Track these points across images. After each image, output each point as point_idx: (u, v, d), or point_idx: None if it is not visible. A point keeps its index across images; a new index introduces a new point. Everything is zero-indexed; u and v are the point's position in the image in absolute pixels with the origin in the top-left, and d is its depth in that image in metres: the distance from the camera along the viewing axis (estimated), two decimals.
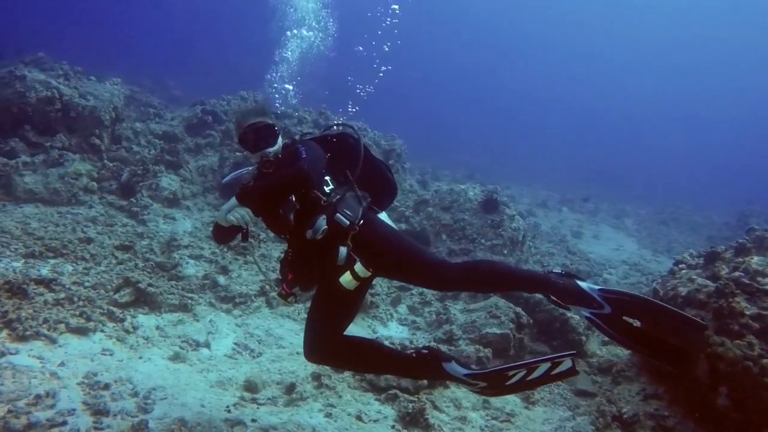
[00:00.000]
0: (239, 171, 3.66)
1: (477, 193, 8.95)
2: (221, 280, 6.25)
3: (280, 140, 3.33)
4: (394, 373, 4.09)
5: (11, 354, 4.20)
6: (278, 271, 3.39)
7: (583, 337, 6.56)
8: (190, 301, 5.74)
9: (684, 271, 5.79)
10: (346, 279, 3.01)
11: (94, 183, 7.91)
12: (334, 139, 3.51)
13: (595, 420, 5.24)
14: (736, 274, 5.13)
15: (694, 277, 5.47)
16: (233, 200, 3.03)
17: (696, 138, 48.30)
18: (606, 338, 3.37)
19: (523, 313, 6.31)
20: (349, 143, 3.45)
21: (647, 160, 35.73)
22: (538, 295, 6.70)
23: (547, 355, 3.06)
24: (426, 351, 3.44)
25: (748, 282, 4.98)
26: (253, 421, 4.09)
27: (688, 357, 3.00)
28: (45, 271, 5.54)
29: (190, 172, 8.94)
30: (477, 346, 5.79)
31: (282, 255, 3.48)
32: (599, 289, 3.06)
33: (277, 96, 5.34)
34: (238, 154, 9.11)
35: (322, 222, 2.98)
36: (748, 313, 4.80)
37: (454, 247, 8.26)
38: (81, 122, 8.35)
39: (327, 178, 3.31)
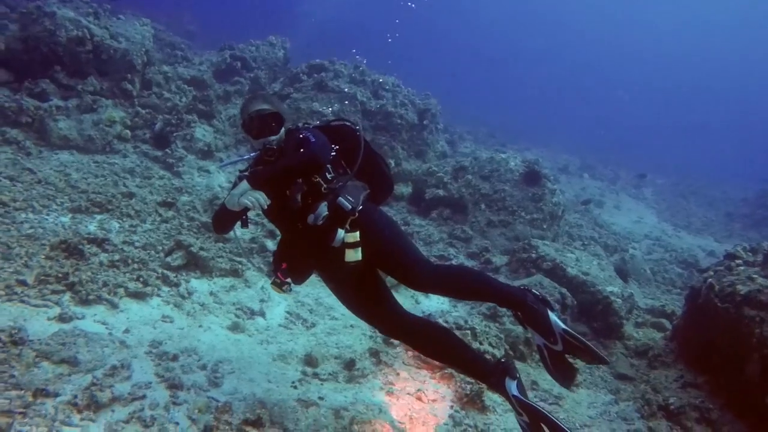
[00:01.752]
0: (238, 158, 3.62)
1: (518, 163, 8.76)
2: (269, 244, 6.16)
3: (283, 129, 3.29)
4: (458, 366, 3.82)
5: (78, 319, 4.15)
6: (272, 262, 3.34)
7: (624, 321, 6.58)
8: (240, 266, 5.66)
9: (742, 268, 5.73)
10: (350, 255, 3.01)
11: (128, 131, 7.66)
12: (336, 130, 3.46)
13: (641, 408, 5.30)
14: None
15: (754, 276, 5.42)
16: (244, 185, 2.95)
17: (709, 113, 47.42)
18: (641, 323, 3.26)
19: (568, 293, 6.29)
20: (351, 134, 3.42)
21: (662, 131, 35.21)
22: (582, 276, 6.70)
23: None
24: (502, 362, 3.33)
25: None
26: (321, 398, 4.10)
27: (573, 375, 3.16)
28: (93, 228, 5.43)
29: (223, 122, 8.66)
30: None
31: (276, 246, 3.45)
32: (564, 329, 3.04)
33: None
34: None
35: (323, 208, 2.96)
36: None
37: (493, 218, 8.16)
38: (112, 65, 8.00)
39: (328, 166, 3.28)
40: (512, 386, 3.09)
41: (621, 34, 62.11)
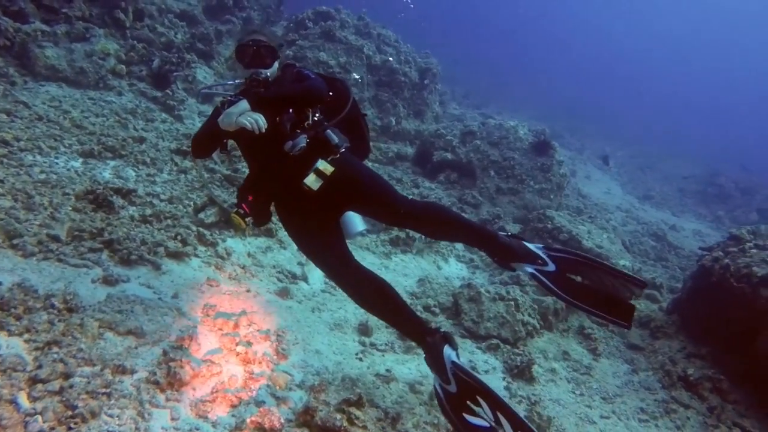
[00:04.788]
0: (221, 83, 3.49)
1: (527, 132, 8.67)
2: None
3: (276, 64, 3.20)
4: (398, 322, 3.28)
5: (123, 282, 3.73)
6: (236, 196, 3.22)
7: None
8: (272, 225, 5.29)
9: (754, 251, 6.01)
10: (310, 179, 2.95)
11: (123, 66, 6.87)
12: (330, 81, 3.35)
13: (662, 378, 5.52)
14: None
15: None
16: (244, 104, 2.83)
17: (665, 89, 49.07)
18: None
19: None
20: (342, 90, 3.36)
21: (617, 101, 36.22)
22: (597, 249, 6.80)
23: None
24: (445, 331, 3.14)
25: None
26: (388, 371, 3.95)
27: (630, 312, 3.03)
28: (108, 175, 4.87)
29: (222, 64, 7.97)
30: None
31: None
32: (543, 247, 3.17)
33: None
34: None
35: (302, 139, 2.94)
36: None
37: (502, 186, 8.09)
38: None
39: (317, 109, 3.25)
40: (452, 354, 2.90)
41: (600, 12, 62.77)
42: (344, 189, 3.09)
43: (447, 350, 2.89)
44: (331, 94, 3.22)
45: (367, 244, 6.00)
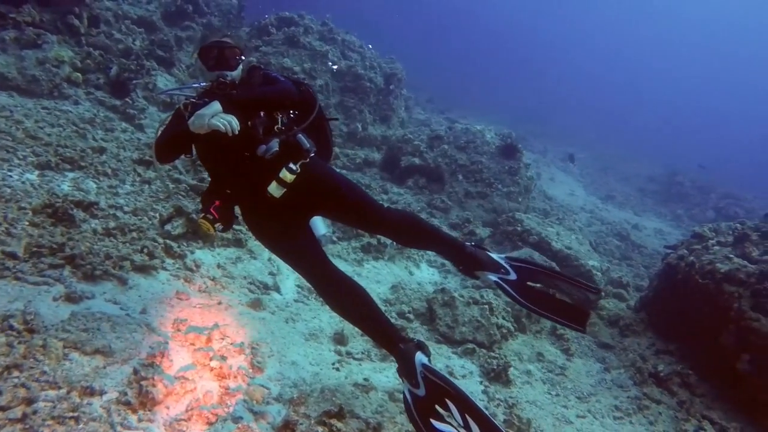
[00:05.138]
0: (184, 86, 3.49)
1: (493, 136, 8.76)
2: None
3: (240, 67, 3.13)
4: (372, 329, 3.16)
5: (88, 298, 3.55)
6: (201, 202, 3.12)
7: (604, 294, 6.91)
8: (242, 235, 5.16)
9: (717, 248, 6.21)
10: (272, 187, 2.92)
11: (79, 74, 6.61)
12: (296, 83, 3.32)
13: (633, 375, 5.63)
14: None
15: (731, 255, 5.89)
16: (216, 106, 2.75)
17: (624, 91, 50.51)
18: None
19: (557, 267, 6.46)
20: (307, 94, 3.34)
21: (577, 105, 37.10)
22: (566, 251, 6.91)
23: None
24: (419, 340, 3.13)
25: None
26: (366, 380, 3.89)
27: (585, 317, 3.16)
28: (66, 188, 4.65)
29: (184, 71, 7.77)
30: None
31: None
32: (506, 257, 3.32)
33: None
34: None
35: (275, 143, 2.91)
36: None
37: (471, 190, 8.14)
38: None
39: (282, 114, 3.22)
40: (423, 358, 2.84)
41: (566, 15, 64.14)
42: (312, 193, 3.07)
43: (419, 355, 2.83)
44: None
45: (338, 252, 5.93)
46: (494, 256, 3.28)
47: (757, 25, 58.23)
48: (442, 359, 4.70)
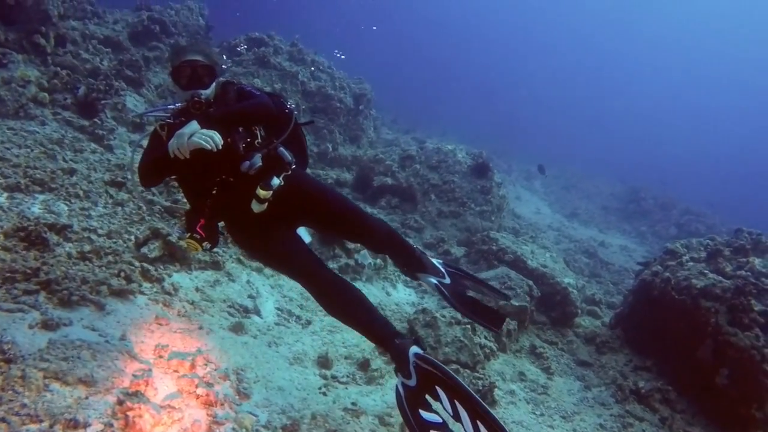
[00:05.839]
0: (159, 107, 3.37)
1: (465, 155, 8.90)
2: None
3: (214, 84, 3.08)
4: (363, 325, 3.14)
5: (65, 325, 3.39)
6: (183, 223, 3.20)
7: (579, 311, 7.02)
8: (219, 257, 5.05)
9: (691, 264, 6.39)
10: (254, 204, 2.95)
11: (46, 94, 6.41)
12: (271, 97, 3.32)
13: (615, 393, 5.70)
14: (743, 272, 5.80)
15: (705, 271, 6.08)
16: (194, 125, 2.72)
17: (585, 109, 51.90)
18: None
19: (534, 285, 6.55)
20: (282, 107, 3.35)
21: (539, 124, 37.97)
22: (542, 269, 7.02)
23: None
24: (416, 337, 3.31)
25: (754, 281, 5.67)
26: (354, 404, 3.82)
27: (501, 321, 3.59)
28: (37, 210, 4.48)
29: (153, 91, 7.64)
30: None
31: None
32: (443, 263, 3.63)
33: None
34: None
35: (258, 158, 2.92)
36: (756, 309, 5.50)
37: (444, 209, 8.21)
38: (22, 13, 6.60)
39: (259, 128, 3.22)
40: (417, 349, 2.81)
41: (529, 30, 65.69)
42: (298, 203, 3.12)
43: (414, 347, 2.80)
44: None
45: None
46: (434, 260, 3.57)
47: (720, 44, 60.97)
48: None
